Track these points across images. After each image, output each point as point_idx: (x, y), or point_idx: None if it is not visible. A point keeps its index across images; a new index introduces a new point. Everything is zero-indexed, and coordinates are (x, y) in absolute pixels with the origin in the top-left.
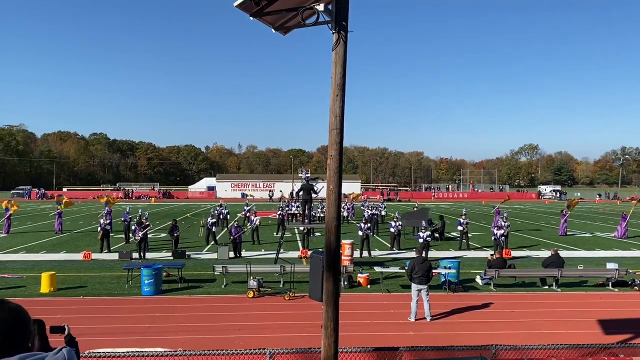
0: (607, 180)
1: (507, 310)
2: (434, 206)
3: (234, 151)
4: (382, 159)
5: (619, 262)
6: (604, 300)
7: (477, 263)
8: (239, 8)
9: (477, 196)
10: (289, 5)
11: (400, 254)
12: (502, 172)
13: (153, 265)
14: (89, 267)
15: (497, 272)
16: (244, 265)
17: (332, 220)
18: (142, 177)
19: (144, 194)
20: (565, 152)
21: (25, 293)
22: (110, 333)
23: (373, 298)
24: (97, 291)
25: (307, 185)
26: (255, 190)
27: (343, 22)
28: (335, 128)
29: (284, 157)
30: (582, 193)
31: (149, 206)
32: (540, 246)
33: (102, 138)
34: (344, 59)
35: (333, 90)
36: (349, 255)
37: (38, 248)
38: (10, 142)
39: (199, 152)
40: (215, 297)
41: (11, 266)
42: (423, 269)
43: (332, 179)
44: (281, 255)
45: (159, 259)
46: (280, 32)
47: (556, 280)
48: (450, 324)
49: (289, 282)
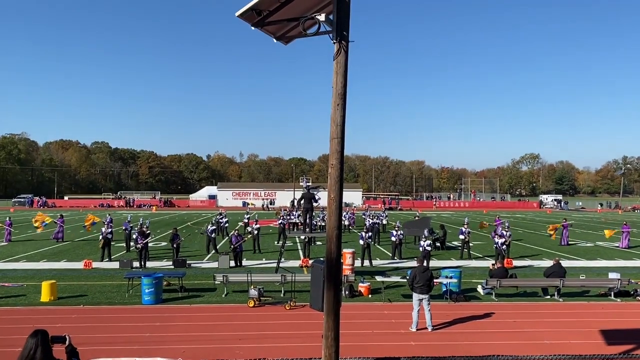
0: (608, 189)
1: (509, 320)
2: (435, 215)
3: (235, 160)
4: (384, 167)
5: (621, 272)
6: (606, 310)
7: (479, 272)
8: (240, 18)
9: (478, 205)
10: (290, 15)
11: (402, 264)
12: (503, 181)
13: (153, 274)
14: (89, 275)
15: (499, 281)
16: (245, 275)
17: (333, 229)
18: (143, 185)
19: (145, 202)
20: (566, 162)
21: (26, 302)
22: (110, 343)
23: (374, 308)
24: (98, 300)
25: (308, 194)
26: (256, 198)
27: (344, 32)
28: (336, 137)
29: (285, 166)
30: (583, 202)
31: (150, 215)
32: (542, 256)
33: (103, 146)
34: (345, 68)
35: (334, 100)
36: (350, 265)
37: (39, 257)
38: (12, 150)
39: (201, 160)
40: (215, 307)
41: (12, 275)
42: (424, 279)
43: (333, 188)
44: (282, 264)
45: (160, 268)
46: (281, 41)
47: (558, 290)
48: (451, 334)
49: (290, 292)
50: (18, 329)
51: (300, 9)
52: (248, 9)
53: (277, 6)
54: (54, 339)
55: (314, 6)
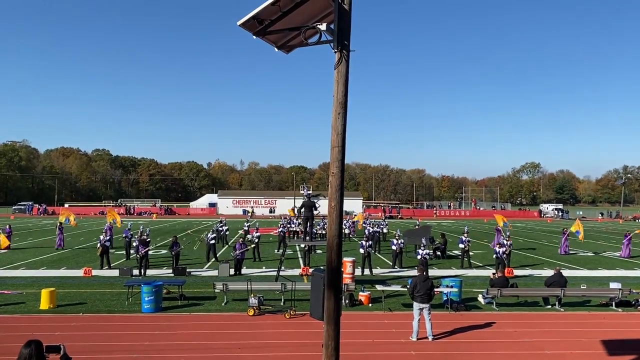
0: (609, 199)
1: (510, 330)
2: (435, 224)
3: (235, 168)
4: (384, 176)
5: (623, 282)
6: (607, 320)
7: (479, 282)
8: (242, 27)
9: (479, 214)
10: (291, 25)
11: (402, 272)
12: (504, 190)
13: (153, 282)
14: (89, 283)
15: (500, 291)
16: (245, 283)
17: (334, 237)
18: (143, 193)
19: (146, 210)
20: (567, 171)
21: (25, 309)
22: (109, 351)
23: (374, 317)
24: (97, 308)
25: (308, 202)
26: (257, 206)
27: (345, 42)
28: (337, 145)
29: (285, 174)
30: (584, 212)
31: (150, 222)
32: (543, 265)
33: (104, 154)
34: (346, 77)
35: (335, 108)
36: (350, 273)
37: (38, 264)
38: (13, 157)
39: (201, 168)
40: (215, 315)
41: (11, 282)
42: (425, 288)
43: (333, 197)
44: (282, 272)
45: (160, 276)
46: (283, 50)
47: (559, 299)
48: (452, 343)
49: (290, 300)
50: (17, 337)
51: (302, 18)
52: (249, 19)
53: (278, 15)
54: (48, 348)
55: (315, 15)
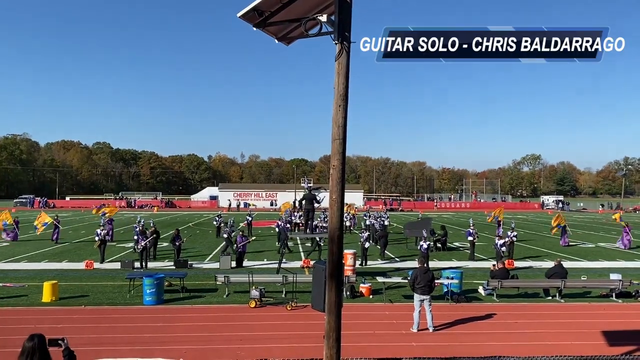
0: (610, 190)
1: (510, 321)
2: (436, 216)
3: (236, 161)
4: (385, 168)
5: (623, 273)
6: (608, 311)
7: (480, 273)
8: (242, 19)
9: (479, 206)
10: (292, 16)
11: (403, 264)
12: (504, 182)
13: (155, 274)
14: (91, 276)
15: (500, 282)
16: (246, 275)
17: (335, 230)
18: (144, 186)
19: (147, 203)
20: (567, 162)
21: (27, 302)
22: (111, 343)
23: (375, 308)
24: (99, 301)
25: (309, 194)
26: (257, 199)
27: (346, 33)
28: (337, 138)
29: (286, 167)
30: (585, 203)
31: (151, 215)
32: (543, 257)
33: (105, 147)
34: (347, 69)
35: (336, 101)
36: (351, 265)
37: (40, 257)
38: (14, 151)
39: (202, 161)
40: (217, 307)
41: (13, 275)
42: (425, 279)
43: (334, 189)
44: (283, 265)
45: (161, 269)
46: (283, 42)
47: (559, 291)
48: (452, 334)
49: (291, 292)
50: (20, 330)
51: (302, 9)
52: (250, 10)
53: (278, 7)
54: (50, 342)
55: (315, 7)
